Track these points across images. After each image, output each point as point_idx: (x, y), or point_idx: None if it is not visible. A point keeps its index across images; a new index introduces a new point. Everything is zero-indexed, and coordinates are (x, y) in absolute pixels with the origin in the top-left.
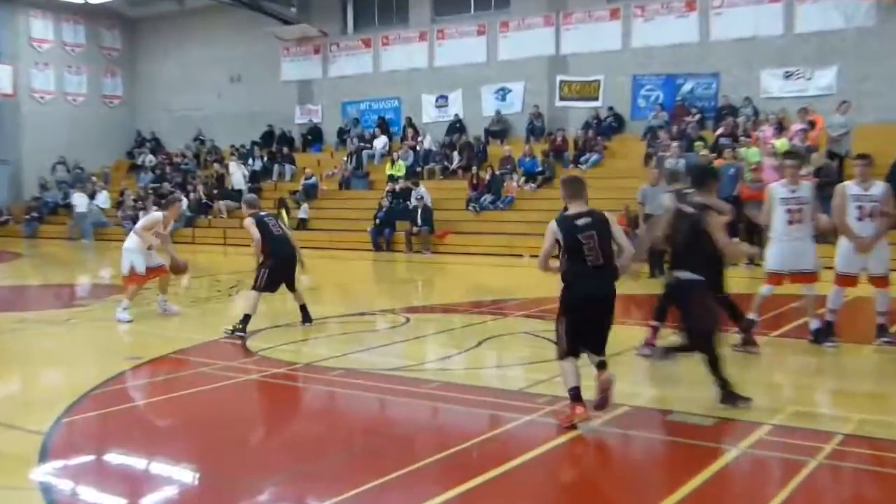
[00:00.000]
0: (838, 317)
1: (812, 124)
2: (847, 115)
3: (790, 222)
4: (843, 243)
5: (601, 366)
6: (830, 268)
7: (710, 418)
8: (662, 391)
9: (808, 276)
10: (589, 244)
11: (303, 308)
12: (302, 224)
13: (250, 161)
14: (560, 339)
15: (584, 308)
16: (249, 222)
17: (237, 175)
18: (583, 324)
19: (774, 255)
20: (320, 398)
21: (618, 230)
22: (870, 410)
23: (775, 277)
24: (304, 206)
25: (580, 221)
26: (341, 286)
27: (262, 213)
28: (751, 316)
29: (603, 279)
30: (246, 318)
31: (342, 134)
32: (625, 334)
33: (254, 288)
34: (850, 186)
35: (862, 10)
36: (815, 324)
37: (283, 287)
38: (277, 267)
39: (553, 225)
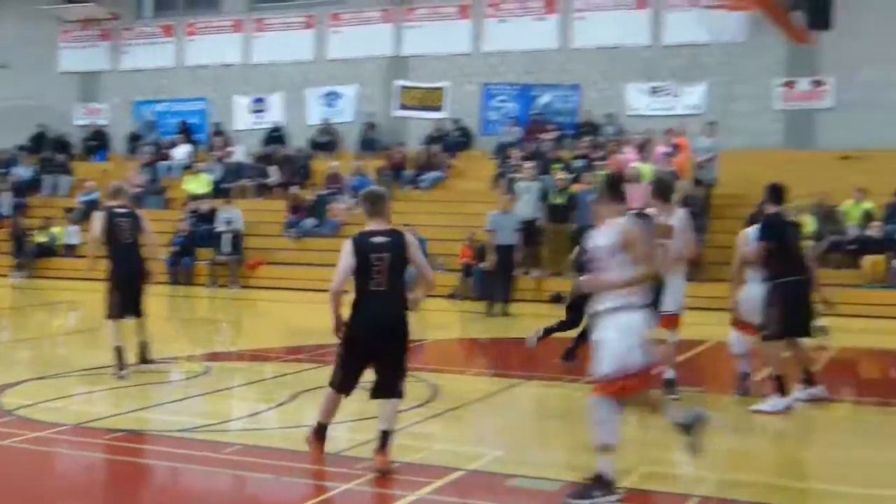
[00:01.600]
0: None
1: (676, 147)
2: (714, 139)
3: None
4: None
5: (384, 440)
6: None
7: (555, 482)
8: (507, 451)
9: (669, 319)
10: (378, 266)
11: (142, 346)
12: (72, 250)
13: (13, 170)
14: (335, 370)
15: (366, 339)
16: (97, 215)
17: None
18: (364, 357)
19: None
20: (92, 470)
21: (417, 255)
22: (729, 469)
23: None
24: (76, 227)
25: (375, 240)
26: (126, 327)
27: (119, 208)
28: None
29: (389, 306)
30: (117, 351)
31: (134, 140)
32: (467, 386)
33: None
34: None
35: (731, 24)
36: (670, 373)
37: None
38: (122, 283)
39: (348, 243)
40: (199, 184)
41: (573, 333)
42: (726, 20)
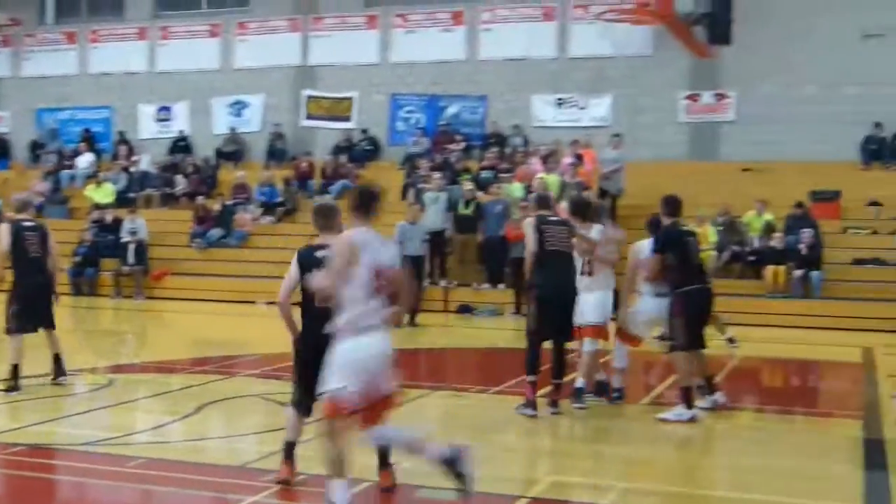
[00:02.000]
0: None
1: (580, 158)
2: (620, 150)
3: (582, 273)
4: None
5: (383, 460)
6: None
7: (462, 492)
8: (414, 463)
9: (593, 329)
10: None
11: (56, 359)
12: None
13: None
14: (293, 388)
15: (311, 356)
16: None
17: None
18: (313, 380)
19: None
20: None
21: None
22: (635, 478)
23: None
24: None
25: (320, 254)
26: (26, 339)
27: (26, 221)
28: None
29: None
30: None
31: (36, 148)
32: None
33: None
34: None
35: (636, 38)
36: (580, 382)
37: None
38: (27, 297)
39: (294, 257)
40: (103, 193)
41: None
42: (631, 34)
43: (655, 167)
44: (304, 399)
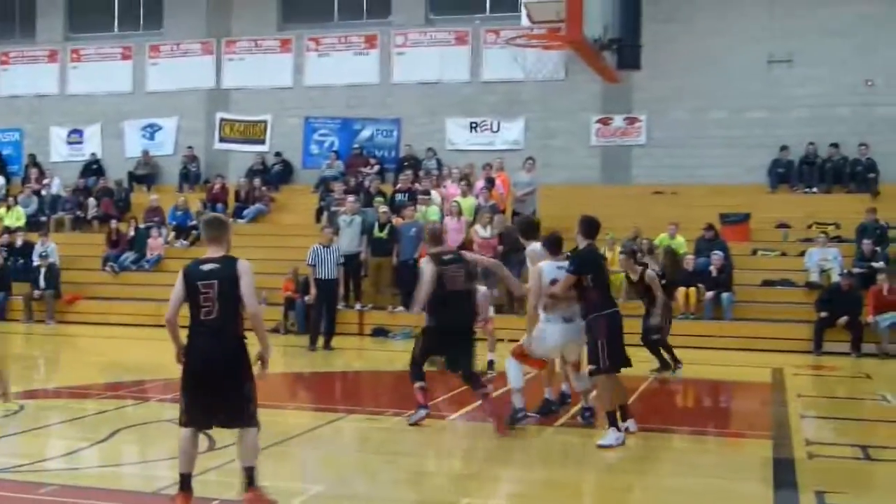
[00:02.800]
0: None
1: (491, 182)
2: (533, 173)
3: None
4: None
5: (249, 475)
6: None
7: None
8: (328, 486)
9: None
10: (206, 294)
11: None
12: None
13: None
14: (180, 406)
15: (198, 371)
16: None
17: None
18: (200, 390)
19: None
20: None
21: (247, 285)
22: (550, 501)
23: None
24: None
25: (206, 267)
26: None
27: None
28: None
29: (219, 337)
30: None
31: None
32: (289, 421)
33: None
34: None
35: (546, 63)
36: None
37: None
38: None
39: (180, 273)
40: (14, 217)
41: None
42: (542, 59)
43: (568, 190)
44: (193, 412)
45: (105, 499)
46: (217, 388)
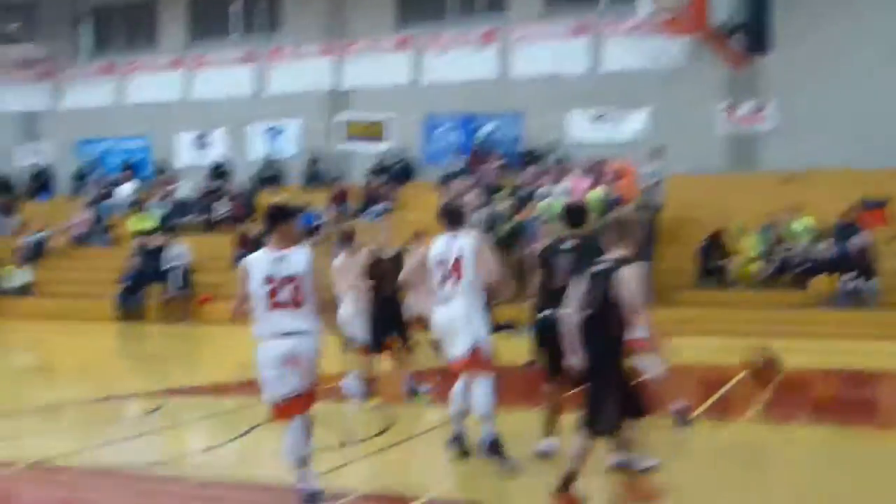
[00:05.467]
0: None
1: (619, 173)
2: (658, 163)
3: None
4: None
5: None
6: None
7: None
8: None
9: None
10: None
11: None
12: (24, 290)
13: None
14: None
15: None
16: None
17: None
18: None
19: None
20: None
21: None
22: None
23: None
24: (26, 268)
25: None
26: (79, 364)
27: None
28: None
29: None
30: None
31: (78, 179)
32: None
33: None
34: None
35: (671, 50)
36: None
37: None
38: None
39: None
40: (146, 221)
41: None
42: (665, 46)
43: (695, 180)
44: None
45: (245, 491)
46: None
